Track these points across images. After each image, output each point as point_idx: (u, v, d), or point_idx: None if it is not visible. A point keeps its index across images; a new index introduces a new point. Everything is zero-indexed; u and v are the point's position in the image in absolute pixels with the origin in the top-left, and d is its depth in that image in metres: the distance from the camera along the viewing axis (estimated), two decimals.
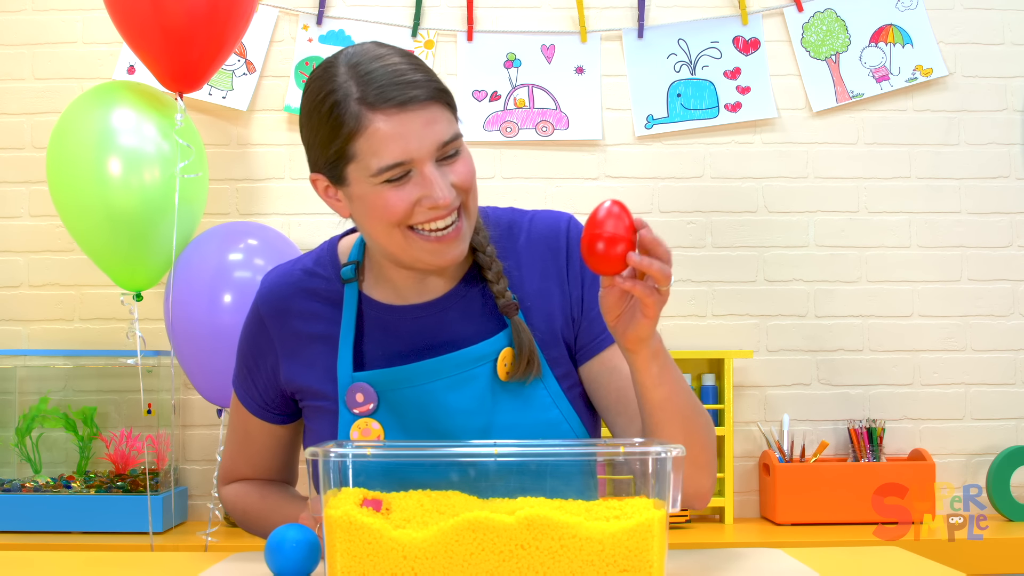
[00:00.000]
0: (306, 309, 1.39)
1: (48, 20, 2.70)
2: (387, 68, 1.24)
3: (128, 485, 2.45)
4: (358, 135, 1.23)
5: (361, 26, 2.70)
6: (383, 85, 1.22)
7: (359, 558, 1.05)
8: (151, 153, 2.25)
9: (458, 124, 1.29)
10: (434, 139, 1.24)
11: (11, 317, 2.68)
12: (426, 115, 1.23)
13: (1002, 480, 2.56)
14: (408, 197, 1.24)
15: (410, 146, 1.22)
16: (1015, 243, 2.74)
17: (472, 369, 1.32)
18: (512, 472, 1.13)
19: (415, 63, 1.27)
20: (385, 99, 1.22)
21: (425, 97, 1.23)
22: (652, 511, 1.07)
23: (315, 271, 1.42)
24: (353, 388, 1.32)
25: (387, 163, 1.23)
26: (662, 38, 2.73)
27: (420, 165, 1.24)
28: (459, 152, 1.28)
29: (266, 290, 1.43)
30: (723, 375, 2.59)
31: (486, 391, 1.33)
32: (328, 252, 1.43)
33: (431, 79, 1.26)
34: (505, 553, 1.05)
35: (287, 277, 1.42)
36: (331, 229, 2.67)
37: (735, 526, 2.56)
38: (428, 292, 1.37)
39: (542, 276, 1.38)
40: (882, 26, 2.73)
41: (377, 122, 1.22)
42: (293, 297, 1.40)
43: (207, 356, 2.28)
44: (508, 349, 1.33)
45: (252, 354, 1.43)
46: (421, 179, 1.24)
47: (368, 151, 1.23)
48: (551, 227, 1.40)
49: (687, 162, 2.73)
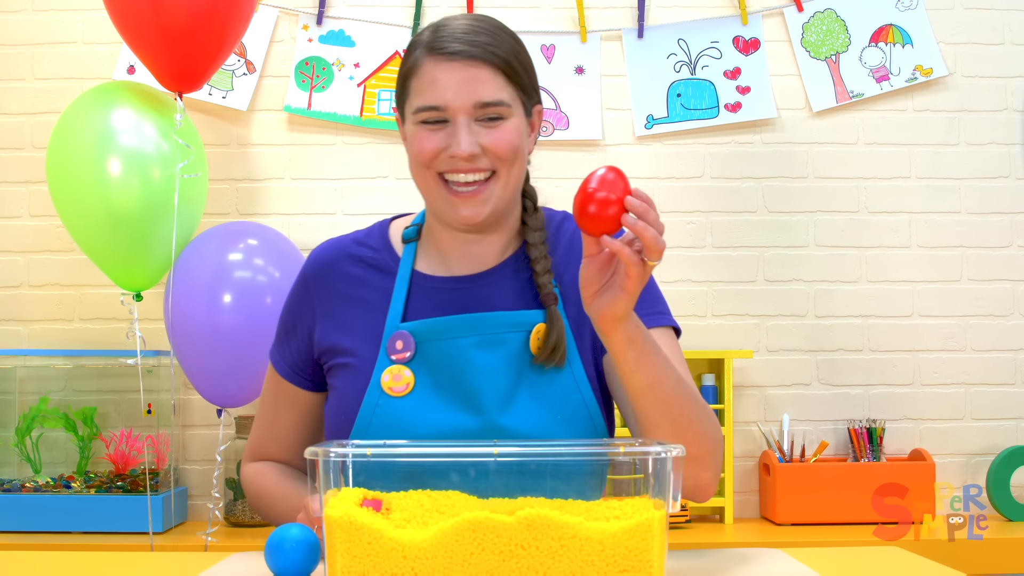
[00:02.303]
0: (351, 273, 1.46)
1: (48, 20, 2.70)
2: (459, 25, 1.35)
3: (128, 485, 2.45)
4: (413, 74, 1.36)
5: (361, 26, 2.70)
6: (444, 36, 1.34)
7: (359, 558, 1.05)
8: (151, 153, 2.25)
9: (518, 100, 1.36)
10: (472, 95, 1.32)
11: (11, 317, 2.68)
12: (472, 72, 1.32)
13: (1002, 480, 2.56)
14: (437, 142, 1.34)
15: (447, 94, 1.32)
16: (1015, 243, 2.74)
17: (505, 333, 1.37)
18: (512, 472, 1.13)
19: (496, 35, 1.36)
20: (439, 48, 1.33)
21: (475, 55, 1.33)
22: (652, 511, 1.07)
23: (364, 241, 1.50)
24: (395, 335, 1.38)
25: (424, 104, 1.33)
26: (662, 38, 2.73)
27: (454, 115, 1.33)
28: (503, 119, 1.35)
29: (314, 256, 1.51)
30: (723, 375, 2.59)
31: (515, 358, 1.37)
32: (378, 229, 1.52)
33: (495, 44, 1.34)
34: (505, 553, 1.05)
35: (336, 244, 1.51)
36: (331, 229, 2.69)
37: (735, 526, 2.56)
38: (473, 265, 1.44)
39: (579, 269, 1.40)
40: (882, 26, 2.73)
41: (427, 65, 1.34)
42: (340, 262, 1.48)
43: (207, 356, 2.28)
44: (542, 324, 1.38)
45: (292, 317, 1.50)
46: (453, 129, 1.33)
47: (416, 90, 1.35)
48: None
49: (687, 162, 2.73)
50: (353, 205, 2.70)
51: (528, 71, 1.39)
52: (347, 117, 2.68)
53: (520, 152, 1.37)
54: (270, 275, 2.32)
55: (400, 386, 1.37)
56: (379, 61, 2.70)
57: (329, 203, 2.70)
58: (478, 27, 1.36)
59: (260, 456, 1.55)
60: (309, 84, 2.68)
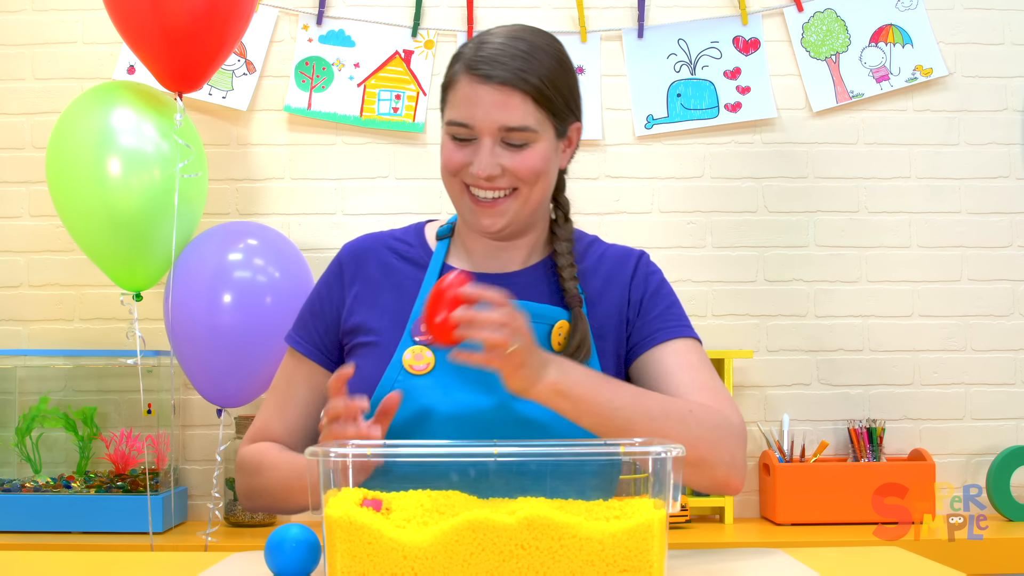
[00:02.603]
0: (386, 261, 1.52)
1: (48, 20, 2.70)
2: (498, 45, 1.39)
3: (128, 485, 2.45)
4: (451, 87, 1.42)
5: (361, 26, 2.70)
6: (481, 57, 1.38)
7: (359, 558, 1.05)
8: (151, 153, 2.25)
9: (548, 125, 1.40)
10: (498, 119, 1.37)
11: (11, 317, 2.68)
12: (502, 97, 1.37)
13: (1002, 480, 2.56)
14: (462, 156, 1.40)
15: (475, 114, 1.38)
16: (1015, 243, 2.74)
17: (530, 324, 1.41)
18: (512, 472, 1.13)
19: (535, 57, 1.39)
20: (475, 68, 1.38)
21: (507, 81, 1.37)
22: (652, 511, 1.07)
23: (400, 237, 1.56)
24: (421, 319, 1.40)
25: (455, 119, 1.40)
26: (662, 38, 2.73)
27: (481, 135, 1.39)
28: (528, 145, 1.39)
29: (351, 243, 1.57)
30: (723, 375, 2.59)
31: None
32: (415, 228, 1.58)
33: (529, 69, 1.37)
34: (505, 553, 1.05)
35: (373, 236, 1.57)
36: (331, 229, 2.69)
37: (735, 526, 2.56)
38: (499, 267, 1.50)
39: (605, 281, 1.51)
40: (882, 26, 2.73)
41: (463, 82, 1.39)
42: (376, 249, 1.54)
43: (207, 356, 2.28)
44: (564, 321, 1.44)
45: (320, 298, 1.54)
46: (478, 148, 1.39)
47: (451, 102, 1.42)
48: (625, 250, 1.56)
49: (687, 162, 2.73)
50: (353, 205, 2.70)
51: (563, 93, 1.42)
52: (347, 117, 2.68)
53: (543, 173, 1.41)
54: (270, 275, 2.32)
55: (421, 365, 1.41)
56: (379, 61, 2.70)
57: (329, 203, 2.70)
58: (517, 49, 1.39)
59: (263, 438, 1.53)
60: (309, 84, 2.68)
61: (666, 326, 1.47)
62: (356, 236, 1.59)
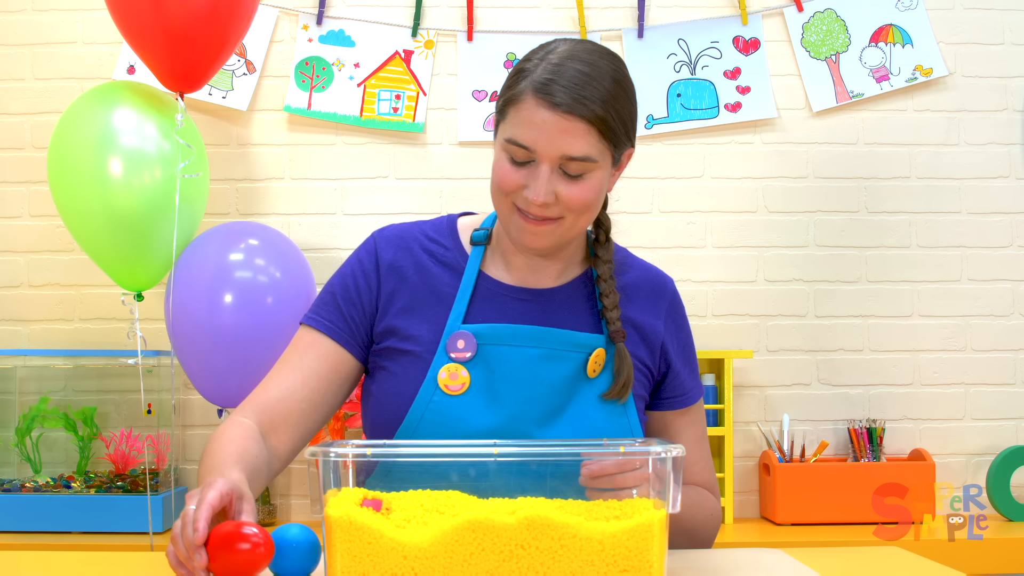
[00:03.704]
0: (422, 262, 1.48)
1: (48, 20, 2.70)
2: (570, 71, 1.34)
3: (128, 485, 2.45)
4: (514, 103, 1.37)
5: (361, 26, 2.70)
6: (553, 81, 1.34)
7: (359, 558, 1.05)
8: (152, 153, 2.25)
9: (608, 154, 1.37)
10: (560, 147, 1.33)
11: (11, 317, 2.68)
12: (568, 125, 1.33)
13: (1002, 480, 2.56)
14: (517, 178, 1.37)
15: (538, 139, 1.34)
16: (1015, 243, 2.74)
17: (567, 351, 1.42)
18: (512, 472, 1.13)
19: (602, 84, 1.35)
20: (545, 92, 1.33)
21: (575, 111, 1.32)
22: (652, 511, 1.07)
23: (435, 237, 1.51)
24: (457, 334, 1.40)
25: (516, 139, 1.35)
26: (662, 38, 2.73)
27: (540, 160, 1.35)
28: (584, 176, 1.36)
29: (388, 232, 1.51)
30: (723, 375, 2.59)
31: (572, 376, 1.42)
32: (447, 225, 1.53)
33: (597, 101, 1.34)
34: (505, 553, 1.05)
35: (407, 229, 1.52)
36: (331, 229, 2.69)
37: (735, 526, 2.56)
38: (537, 281, 1.48)
39: (642, 310, 1.50)
40: (882, 26, 2.73)
41: (529, 103, 1.34)
42: (414, 248, 1.49)
43: (207, 356, 2.28)
44: (601, 350, 1.43)
45: (355, 280, 1.47)
46: (536, 171, 1.35)
47: (513, 121, 1.36)
48: (659, 277, 1.56)
49: (687, 162, 2.73)
50: (353, 205, 2.70)
51: (625, 123, 1.39)
52: (347, 117, 2.68)
53: (593, 205, 1.39)
54: (271, 275, 2.32)
55: (456, 384, 1.39)
56: (379, 61, 2.70)
57: (329, 203, 2.70)
58: (589, 77, 1.34)
59: (251, 405, 1.42)
60: (309, 84, 2.68)
61: (691, 390, 1.54)
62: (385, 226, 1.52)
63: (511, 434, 1.37)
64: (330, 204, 2.70)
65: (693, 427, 1.54)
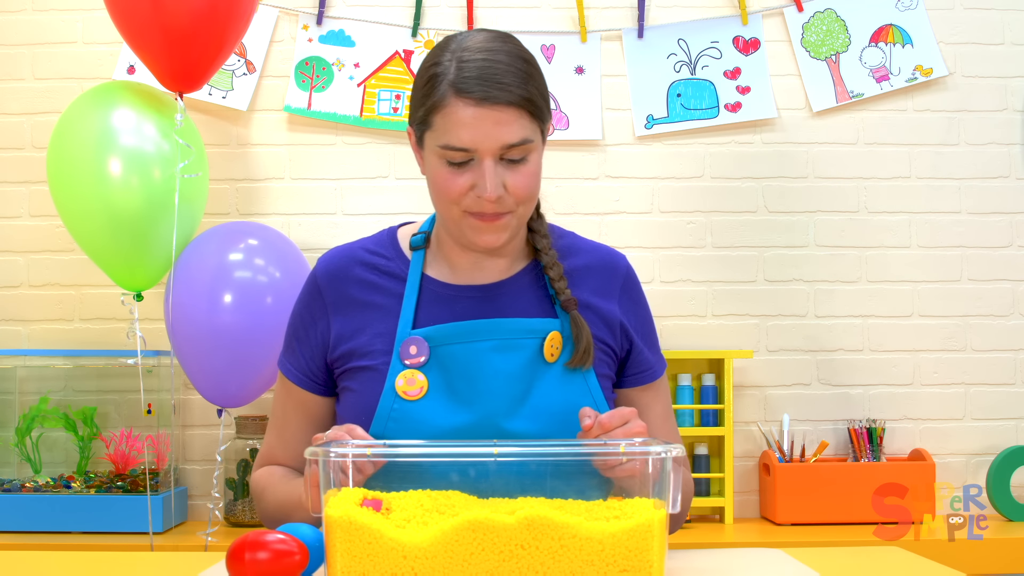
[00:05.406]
0: (364, 278, 1.48)
1: (48, 20, 2.70)
2: (485, 63, 1.35)
3: (128, 485, 2.45)
4: (439, 110, 1.36)
5: (361, 26, 2.70)
6: (473, 77, 1.34)
7: (359, 558, 1.05)
8: (151, 153, 2.25)
9: (539, 131, 1.38)
10: (500, 139, 1.34)
11: (11, 317, 2.68)
12: (501, 115, 1.33)
13: (1002, 480, 2.56)
14: (463, 182, 1.36)
15: (476, 138, 1.34)
16: (1015, 243, 2.74)
17: (521, 339, 1.42)
18: (512, 472, 1.13)
19: (517, 67, 1.36)
20: (466, 90, 1.33)
21: (504, 100, 1.33)
22: (652, 511, 1.07)
23: (375, 250, 1.51)
24: (408, 341, 1.41)
25: (452, 144, 1.35)
26: (662, 38, 2.73)
27: (482, 157, 1.35)
28: (526, 159, 1.37)
29: (325, 261, 1.52)
30: (723, 375, 2.59)
31: (529, 363, 1.41)
32: (388, 236, 1.54)
33: (518, 83, 1.35)
34: (505, 553, 1.05)
35: (346, 251, 1.52)
36: (331, 229, 2.69)
37: (735, 526, 2.56)
38: (483, 277, 1.47)
39: (596, 292, 1.49)
40: (882, 26, 2.73)
41: (456, 106, 1.34)
42: (352, 267, 1.50)
43: (207, 356, 2.28)
44: (556, 332, 1.42)
45: (303, 322, 1.51)
46: (479, 169, 1.35)
47: (442, 127, 1.36)
48: (611, 256, 1.54)
49: (687, 162, 2.73)
50: (353, 205, 2.70)
51: (544, 96, 1.40)
52: (347, 117, 2.68)
53: (537, 189, 1.40)
54: (270, 275, 2.32)
55: (414, 390, 1.40)
56: (379, 61, 2.70)
57: (329, 203, 2.70)
58: (500, 64, 1.35)
59: (270, 463, 1.56)
60: (309, 84, 2.68)
61: (654, 364, 1.53)
62: (324, 254, 1.54)
63: (479, 431, 1.37)
64: (330, 204, 2.70)
65: (658, 402, 1.54)
